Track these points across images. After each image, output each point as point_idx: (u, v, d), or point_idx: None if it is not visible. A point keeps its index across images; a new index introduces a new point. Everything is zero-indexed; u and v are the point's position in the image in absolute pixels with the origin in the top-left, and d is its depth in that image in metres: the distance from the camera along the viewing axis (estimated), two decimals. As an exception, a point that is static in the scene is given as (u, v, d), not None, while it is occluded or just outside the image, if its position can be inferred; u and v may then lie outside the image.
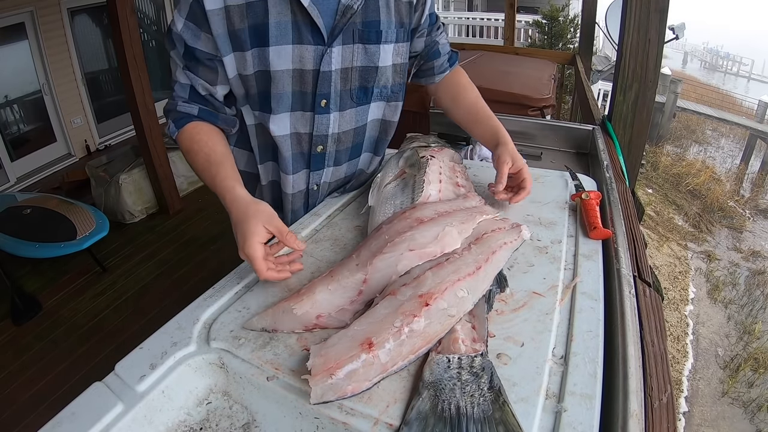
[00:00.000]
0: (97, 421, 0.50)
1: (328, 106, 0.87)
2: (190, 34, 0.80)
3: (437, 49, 1.01)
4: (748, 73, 19.19)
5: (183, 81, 0.85)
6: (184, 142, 0.84)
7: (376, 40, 0.86)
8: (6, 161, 4.31)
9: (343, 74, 0.86)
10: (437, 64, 1.03)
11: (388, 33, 0.87)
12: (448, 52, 1.05)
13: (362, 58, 0.86)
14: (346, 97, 0.89)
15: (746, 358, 4.12)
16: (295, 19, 0.79)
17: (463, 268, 0.62)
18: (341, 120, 0.91)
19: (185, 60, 0.83)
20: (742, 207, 7.22)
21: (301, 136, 0.90)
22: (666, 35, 1.50)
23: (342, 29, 0.81)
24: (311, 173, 0.95)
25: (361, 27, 0.84)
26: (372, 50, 0.87)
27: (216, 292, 0.70)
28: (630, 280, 0.69)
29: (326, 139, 0.91)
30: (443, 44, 1.03)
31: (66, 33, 4.62)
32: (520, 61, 2.95)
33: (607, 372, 0.53)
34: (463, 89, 1.06)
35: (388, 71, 0.91)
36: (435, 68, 1.04)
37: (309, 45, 0.81)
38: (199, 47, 0.81)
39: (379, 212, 0.82)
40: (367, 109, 0.93)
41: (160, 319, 0.62)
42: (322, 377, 0.49)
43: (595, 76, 4.88)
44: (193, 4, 0.77)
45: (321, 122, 0.88)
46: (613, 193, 0.95)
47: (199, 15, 0.77)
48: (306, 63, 0.82)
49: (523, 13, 8.88)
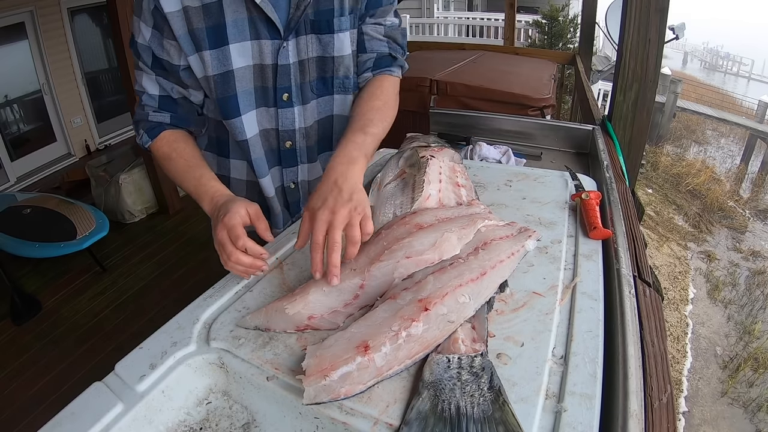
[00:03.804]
0: (97, 421, 0.50)
1: (290, 100, 0.88)
2: (156, 44, 0.80)
3: (361, 40, 0.90)
4: (748, 73, 19.19)
5: (151, 91, 0.85)
6: (161, 149, 0.85)
7: (328, 29, 0.85)
8: (6, 161, 4.32)
9: (301, 66, 0.86)
10: (360, 61, 0.91)
11: (341, 21, 0.85)
12: (378, 52, 0.91)
13: (316, 48, 0.86)
14: (306, 89, 0.89)
15: (746, 358, 4.12)
16: (251, 15, 0.80)
17: (466, 273, 0.62)
18: (306, 113, 0.91)
19: (154, 69, 0.83)
20: (742, 207, 7.21)
21: (269, 132, 0.91)
22: (666, 35, 1.50)
23: (298, 21, 0.82)
24: (284, 170, 0.96)
25: (313, 17, 0.83)
26: (325, 40, 0.85)
27: (216, 292, 0.70)
28: (630, 280, 0.69)
29: (294, 134, 0.92)
30: (373, 39, 0.90)
31: (66, 33, 4.63)
32: (520, 61, 2.95)
33: (607, 372, 0.53)
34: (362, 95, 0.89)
35: (347, 60, 0.88)
36: (357, 66, 0.92)
37: (266, 40, 0.82)
38: (165, 57, 0.81)
39: (378, 212, 0.82)
40: (330, 101, 0.93)
41: (160, 319, 0.62)
42: (316, 378, 0.49)
43: (595, 76, 4.88)
44: (154, 12, 0.77)
45: (285, 116, 0.89)
46: (613, 193, 0.95)
47: (159, 21, 0.78)
48: (265, 58, 0.83)
49: (523, 13, 8.88)
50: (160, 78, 0.84)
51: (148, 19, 0.78)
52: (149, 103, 0.86)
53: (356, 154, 0.72)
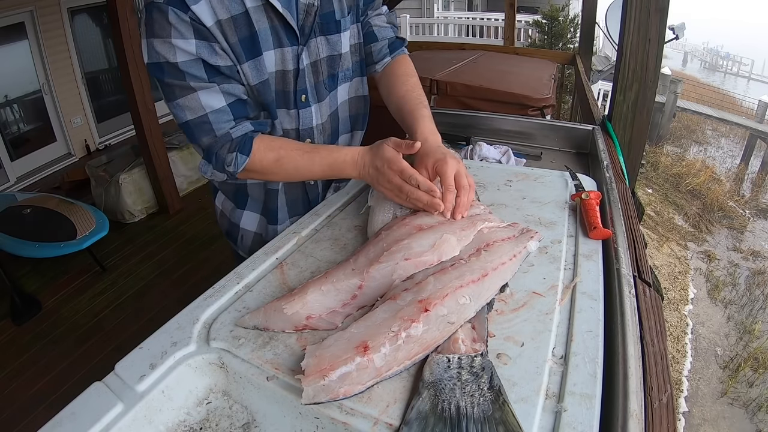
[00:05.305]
0: (96, 421, 0.50)
1: (308, 100, 0.91)
2: (207, 52, 0.75)
3: (372, 32, 0.99)
4: (748, 73, 19.20)
5: (218, 104, 0.78)
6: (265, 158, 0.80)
7: (336, 29, 0.91)
8: (6, 161, 4.32)
9: (314, 67, 0.90)
10: (375, 50, 1.00)
11: (345, 21, 0.92)
12: (389, 38, 1.01)
13: (326, 48, 0.91)
14: (320, 87, 0.93)
15: (746, 358, 4.12)
16: (273, 24, 0.82)
17: (467, 274, 0.62)
18: (321, 110, 0.95)
19: (213, 79, 0.77)
20: (742, 207, 7.22)
21: (289, 133, 0.93)
22: (666, 35, 1.50)
23: (310, 27, 0.85)
24: None
25: (320, 20, 0.87)
26: (333, 40, 0.91)
27: (216, 291, 0.70)
28: (630, 280, 0.69)
29: (312, 131, 0.94)
30: (380, 27, 0.99)
31: (66, 33, 4.63)
32: (520, 61, 2.95)
33: (607, 372, 0.53)
34: (396, 80, 0.98)
35: (347, 55, 0.96)
36: (373, 54, 1.00)
37: (288, 47, 0.84)
38: (221, 63, 0.76)
39: (379, 212, 0.82)
40: (336, 93, 0.98)
41: (160, 318, 0.62)
42: (315, 378, 0.49)
43: (595, 76, 4.88)
44: (194, 24, 0.73)
45: (305, 116, 0.92)
46: (613, 193, 0.95)
47: (204, 31, 0.74)
48: (287, 64, 0.86)
49: (523, 13, 8.89)
50: (224, 85, 0.78)
51: (186, 33, 0.73)
52: (222, 119, 0.79)
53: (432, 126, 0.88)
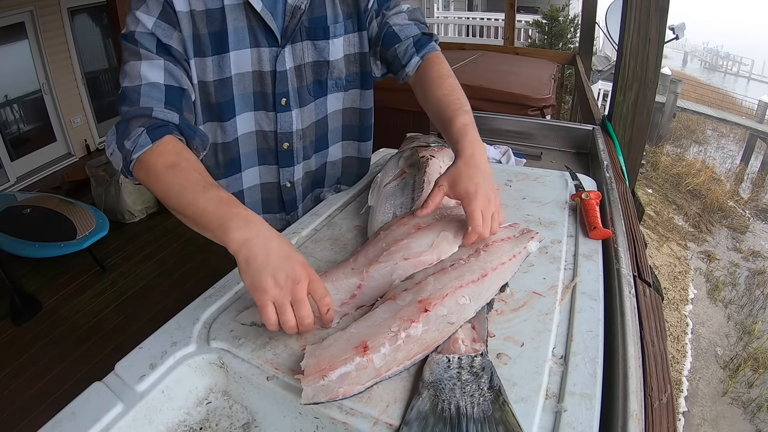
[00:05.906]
0: (96, 421, 0.50)
1: (288, 104, 0.89)
2: (162, 32, 0.74)
3: (392, 32, 0.88)
4: (748, 73, 19.20)
5: (155, 78, 0.71)
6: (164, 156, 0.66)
7: (324, 36, 0.87)
8: (6, 161, 4.31)
9: (297, 72, 0.88)
10: (400, 52, 0.89)
11: (335, 27, 0.87)
12: (413, 36, 0.89)
13: (312, 54, 0.88)
14: (303, 93, 0.90)
15: (746, 358, 4.12)
16: (251, 24, 0.81)
17: (467, 274, 0.62)
18: (303, 116, 0.92)
19: (161, 54, 0.74)
20: (742, 207, 7.22)
21: (267, 134, 0.92)
22: (666, 35, 1.50)
23: (294, 29, 0.83)
24: (281, 170, 0.96)
25: (308, 24, 0.85)
26: (321, 46, 0.88)
27: (216, 291, 0.70)
28: (630, 280, 0.69)
29: (291, 136, 0.92)
30: (402, 26, 0.89)
31: (66, 33, 4.62)
32: (520, 61, 2.95)
33: (607, 372, 0.53)
34: (431, 83, 0.87)
35: (340, 63, 0.91)
36: (399, 57, 0.89)
37: (264, 48, 0.83)
38: (173, 45, 0.75)
39: (378, 212, 0.82)
40: (324, 101, 0.94)
41: (160, 318, 0.62)
42: (314, 378, 0.49)
43: (595, 76, 4.88)
44: (165, 5, 0.74)
45: (284, 120, 0.90)
46: (613, 193, 0.95)
47: (171, 14, 0.75)
48: (264, 65, 0.84)
49: (523, 13, 8.88)
50: (168, 63, 0.73)
51: (153, 9, 0.74)
52: (152, 94, 0.71)
53: (476, 135, 0.77)
